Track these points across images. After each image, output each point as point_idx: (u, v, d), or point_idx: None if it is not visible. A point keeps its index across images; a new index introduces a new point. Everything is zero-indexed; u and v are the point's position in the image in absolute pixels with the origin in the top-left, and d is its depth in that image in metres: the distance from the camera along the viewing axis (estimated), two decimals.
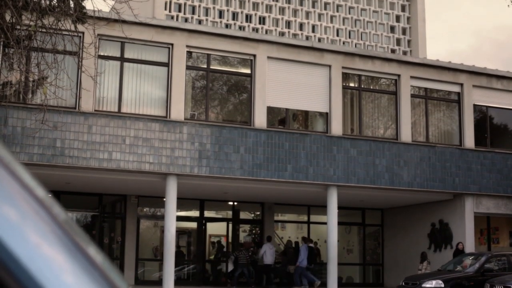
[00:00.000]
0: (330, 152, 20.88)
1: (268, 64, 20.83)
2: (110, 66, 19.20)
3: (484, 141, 23.64)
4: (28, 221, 0.83)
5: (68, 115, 18.06)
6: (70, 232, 0.87)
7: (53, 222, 0.85)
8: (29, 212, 0.85)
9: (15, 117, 17.53)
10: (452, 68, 23.23)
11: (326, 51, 21.59)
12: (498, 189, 22.99)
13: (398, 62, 22.64)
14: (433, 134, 23.05)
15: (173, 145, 19.10)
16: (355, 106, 22.26)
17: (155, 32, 19.53)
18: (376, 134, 22.36)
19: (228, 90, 21.24)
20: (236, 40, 20.55)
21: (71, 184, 20.87)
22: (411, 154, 21.95)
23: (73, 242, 0.85)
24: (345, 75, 21.98)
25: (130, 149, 18.64)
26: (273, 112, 21.28)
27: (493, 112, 24.30)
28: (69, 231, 0.87)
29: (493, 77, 23.93)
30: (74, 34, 12.62)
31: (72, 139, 18.07)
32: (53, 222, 0.85)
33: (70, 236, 0.86)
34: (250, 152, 19.92)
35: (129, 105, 19.31)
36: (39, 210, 0.86)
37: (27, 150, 17.59)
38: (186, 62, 20.01)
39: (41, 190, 0.92)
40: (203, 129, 19.57)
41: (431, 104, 23.19)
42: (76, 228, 0.89)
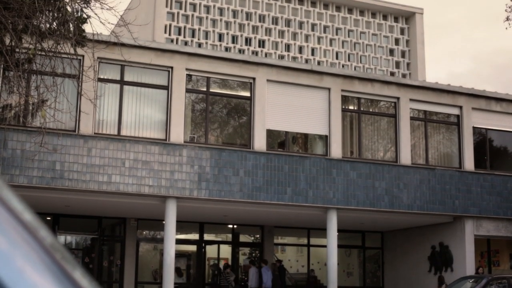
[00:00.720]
0: (330, 175, 20.86)
1: (267, 87, 20.87)
2: (110, 89, 19.24)
3: (484, 164, 23.62)
4: (13, 245, 0.84)
5: (67, 138, 18.06)
6: (56, 255, 0.87)
7: (39, 246, 0.86)
8: (15, 236, 0.85)
9: (15, 140, 17.53)
10: (451, 91, 23.27)
11: (325, 74, 21.65)
12: (498, 212, 22.94)
13: (397, 85, 22.68)
14: (433, 156, 23.04)
15: (172, 168, 19.10)
16: (355, 129, 22.28)
17: (155, 55, 19.60)
18: (376, 157, 22.36)
19: (227, 113, 21.26)
20: (235, 63, 20.60)
21: (71, 207, 20.84)
22: (411, 177, 21.93)
23: (58, 266, 0.86)
24: (345, 98, 22.01)
25: (129, 172, 18.62)
26: (273, 135, 21.29)
27: (493, 134, 24.31)
28: (55, 255, 0.87)
29: (492, 100, 23.96)
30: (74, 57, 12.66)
31: (72, 162, 18.06)
32: (39, 246, 0.86)
33: (56, 260, 0.86)
34: (249, 175, 19.90)
35: (129, 128, 19.32)
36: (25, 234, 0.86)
37: (27, 173, 17.57)
38: (186, 85, 20.05)
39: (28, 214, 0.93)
40: (202, 152, 19.57)
41: (430, 127, 23.20)
42: (63, 251, 0.90)
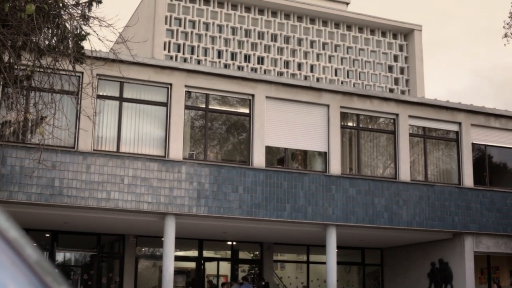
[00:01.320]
0: (329, 191, 20.85)
1: (266, 104, 20.90)
2: (109, 105, 19.27)
3: (483, 180, 23.62)
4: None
5: (66, 155, 18.07)
6: (41, 273, 0.87)
7: (23, 264, 0.85)
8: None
9: (14, 157, 17.54)
10: (450, 107, 23.30)
11: (324, 90, 21.69)
12: (498, 228, 22.91)
13: (396, 101, 22.71)
14: (432, 173, 23.04)
15: (171, 185, 19.08)
16: (354, 146, 22.29)
17: (154, 72, 19.64)
18: (375, 173, 22.35)
19: (226, 129, 21.28)
20: (234, 80, 20.65)
21: (70, 224, 20.81)
22: (410, 193, 21.91)
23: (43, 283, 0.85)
24: (344, 114, 22.04)
25: (128, 189, 18.61)
26: (272, 151, 21.29)
27: (492, 150, 24.32)
28: (40, 272, 0.87)
29: (491, 116, 23.99)
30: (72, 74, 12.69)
31: (71, 179, 18.05)
32: (23, 263, 0.85)
33: (40, 277, 0.86)
34: (248, 191, 19.89)
35: (128, 144, 19.33)
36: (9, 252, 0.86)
37: (26, 190, 17.57)
38: (185, 101, 20.09)
39: (14, 231, 0.93)
40: (201, 168, 19.57)
41: (429, 143, 23.22)
42: (49, 268, 0.90)
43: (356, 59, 32.28)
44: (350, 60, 32.21)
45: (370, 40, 32.88)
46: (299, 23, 31.80)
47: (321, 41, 31.91)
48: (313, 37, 31.82)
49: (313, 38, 31.79)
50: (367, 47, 32.63)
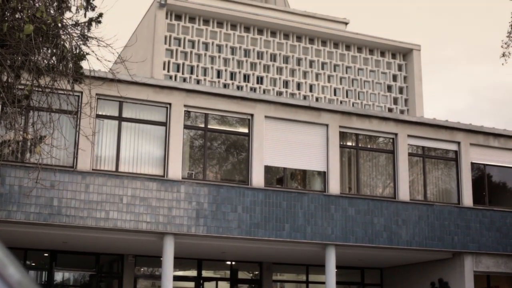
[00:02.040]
0: (328, 211, 20.83)
1: (265, 124, 20.93)
2: (108, 125, 19.30)
3: (483, 199, 23.60)
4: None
5: (65, 174, 18.08)
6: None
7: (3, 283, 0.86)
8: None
9: (12, 176, 17.55)
10: (449, 127, 23.33)
11: (323, 110, 21.72)
12: (498, 248, 22.86)
13: (395, 121, 22.74)
14: (431, 192, 23.02)
15: (170, 204, 19.07)
16: (353, 165, 22.29)
17: (153, 91, 19.69)
18: (374, 193, 22.34)
19: (225, 149, 21.29)
20: (233, 100, 20.69)
21: (68, 244, 20.76)
22: (409, 213, 21.89)
23: None
24: (343, 134, 22.06)
25: (127, 208, 18.60)
26: (271, 171, 21.29)
27: (491, 170, 24.33)
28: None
29: (490, 135, 24.01)
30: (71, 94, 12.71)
31: (69, 198, 18.05)
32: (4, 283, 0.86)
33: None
34: (247, 211, 19.87)
35: (127, 164, 19.34)
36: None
37: (24, 209, 17.55)
38: (184, 121, 20.12)
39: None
40: (200, 188, 19.57)
41: (428, 163, 23.22)
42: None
43: (355, 79, 32.35)
44: (349, 79, 32.28)
45: (369, 60, 32.96)
46: (298, 43, 31.89)
47: (320, 61, 31.99)
48: (312, 57, 31.90)
49: (312, 58, 31.87)
50: (366, 67, 32.70)
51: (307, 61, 31.83)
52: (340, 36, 32.62)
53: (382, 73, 33.08)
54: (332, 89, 31.79)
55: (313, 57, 31.98)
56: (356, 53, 32.91)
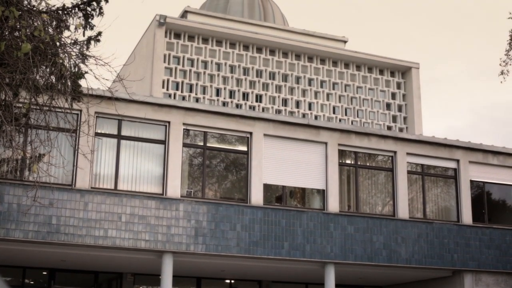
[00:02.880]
0: (327, 229, 20.81)
1: (264, 142, 20.96)
2: (107, 143, 19.33)
3: (482, 217, 23.58)
4: None
5: (64, 192, 18.09)
6: None
7: None
8: None
9: (11, 194, 17.56)
10: (448, 145, 23.36)
11: (322, 128, 21.76)
12: (498, 266, 22.81)
13: (394, 139, 22.76)
14: (431, 210, 23.01)
15: (169, 223, 19.06)
16: (352, 183, 22.29)
17: (152, 110, 19.74)
18: (373, 211, 22.32)
19: (224, 167, 21.30)
20: (232, 118, 20.73)
21: (67, 262, 20.71)
22: (409, 231, 21.86)
23: None
24: (342, 152, 22.09)
25: (126, 227, 18.59)
26: (270, 189, 21.28)
27: (490, 187, 24.32)
28: None
29: (489, 153, 24.03)
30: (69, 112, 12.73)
31: (68, 216, 18.05)
32: None
33: None
34: (246, 229, 19.85)
35: (126, 182, 19.35)
36: None
37: (23, 227, 17.54)
38: (183, 139, 20.15)
39: None
40: (199, 206, 19.56)
41: (428, 180, 23.23)
42: None
43: (354, 97, 32.41)
44: (348, 97, 32.35)
45: (368, 78, 33.05)
46: (297, 61, 31.99)
47: (319, 79, 32.08)
48: (311, 75, 31.99)
49: (311, 76, 31.96)
50: (365, 85, 32.78)
51: (306, 79, 31.91)
52: (339, 54, 32.73)
53: (381, 91, 33.16)
54: (331, 107, 31.85)
55: (312, 75, 32.08)
56: (355, 71, 33.01)
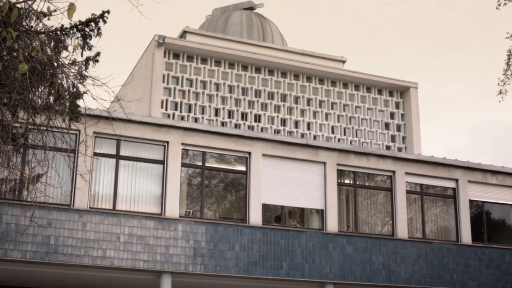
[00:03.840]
0: (326, 249, 20.77)
1: (263, 162, 20.98)
2: (106, 163, 19.35)
3: (481, 237, 23.54)
4: None
5: (62, 212, 18.08)
6: None
7: None
8: None
9: (9, 214, 17.55)
10: (447, 164, 23.37)
11: (321, 148, 21.79)
12: (497, 285, 22.73)
13: (393, 158, 22.78)
14: (430, 230, 22.98)
15: (167, 243, 19.03)
16: (351, 203, 22.28)
17: (151, 130, 19.77)
18: (372, 231, 22.29)
19: (223, 187, 21.29)
20: (231, 138, 20.75)
21: (65, 282, 20.63)
22: (408, 251, 21.82)
23: None
24: (340, 172, 22.09)
25: (124, 247, 18.56)
26: (269, 209, 21.26)
27: (490, 207, 24.29)
28: None
29: (488, 172, 24.03)
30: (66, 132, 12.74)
31: (66, 237, 18.02)
32: None
33: None
34: (245, 249, 19.82)
35: (124, 202, 19.35)
36: None
37: (20, 247, 17.51)
38: (182, 159, 20.16)
39: None
40: (198, 226, 19.54)
41: (427, 200, 23.22)
42: None
43: (353, 117, 32.46)
44: (346, 117, 32.40)
45: (366, 98, 33.12)
46: (295, 81, 32.07)
47: (317, 99, 32.14)
48: (309, 95, 32.05)
49: (309, 96, 32.03)
50: (363, 105, 32.84)
51: (305, 99, 31.98)
52: (338, 74, 32.82)
53: (379, 111, 33.21)
54: (329, 127, 31.89)
55: (311, 95, 32.14)
56: (353, 91, 33.07)
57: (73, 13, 8.84)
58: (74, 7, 8.84)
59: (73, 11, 8.84)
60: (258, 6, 37.35)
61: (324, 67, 32.53)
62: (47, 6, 9.78)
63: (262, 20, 36.24)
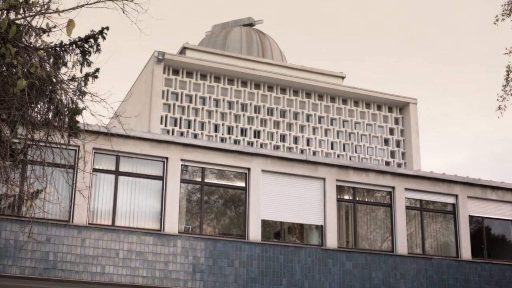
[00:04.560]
0: (326, 265, 20.72)
1: (262, 178, 20.98)
2: (105, 179, 19.35)
3: (481, 253, 23.50)
4: None
5: (61, 228, 18.06)
6: None
7: None
8: None
9: (8, 230, 17.52)
10: (447, 180, 23.36)
11: (320, 164, 21.79)
12: None
13: (392, 174, 22.78)
14: (430, 246, 22.94)
15: (166, 259, 19.00)
16: (350, 219, 22.25)
17: (150, 146, 19.78)
18: (372, 247, 22.25)
19: (222, 203, 21.28)
20: (230, 154, 20.77)
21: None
22: (408, 267, 21.77)
23: None
24: (340, 187, 22.08)
25: (123, 263, 18.51)
26: (269, 225, 21.24)
27: (489, 222, 24.27)
28: None
29: (488, 188, 24.02)
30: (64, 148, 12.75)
31: (65, 253, 18.00)
32: None
33: None
34: (244, 265, 19.78)
35: (123, 218, 19.33)
36: None
37: (19, 263, 17.47)
38: (181, 175, 20.17)
39: None
40: (197, 242, 19.51)
41: (426, 216, 23.19)
42: None
43: (352, 132, 32.47)
44: (346, 133, 32.41)
45: (365, 114, 33.14)
46: (295, 97, 32.10)
47: (317, 114, 32.15)
48: (309, 111, 32.07)
49: (309, 112, 32.05)
50: (362, 121, 32.85)
51: (304, 115, 31.99)
52: (337, 90, 32.84)
53: (379, 127, 33.22)
54: (329, 142, 31.89)
55: (310, 111, 32.16)
56: (353, 107, 33.09)
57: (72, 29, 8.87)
58: (73, 24, 8.88)
59: (72, 27, 8.88)
60: (257, 23, 37.44)
61: (324, 83, 32.56)
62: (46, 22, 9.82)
63: (261, 36, 36.32)
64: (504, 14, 23.16)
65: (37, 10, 9.69)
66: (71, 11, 9.73)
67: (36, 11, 9.71)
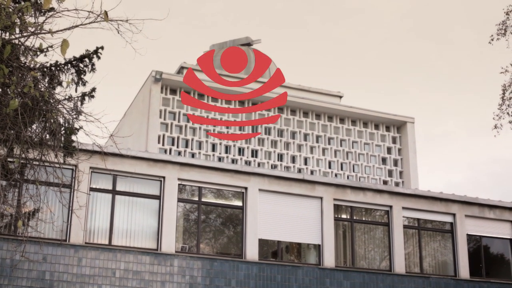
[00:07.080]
0: (323, 284, 20.68)
1: (259, 197, 20.98)
2: (102, 198, 19.34)
3: (479, 271, 23.46)
4: None
5: (57, 248, 18.03)
6: None
7: None
8: None
9: (4, 249, 17.49)
10: (444, 199, 23.37)
11: (317, 183, 21.80)
12: None
13: (390, 193, 22.78)
14: (428, 264, 22.90)
15: (163, 278, 18.96)
16: (348, 238, 22.23)
17: (147, 165, 19.80)
18: (369, 266, 22.21)
19: (220, 222, 21.26)
20: (227, 173, 20.77)
21: None
22: (405, 286, 21.72)
23: None
24: (337, 207, 22.08)
25: (120, 282, 18.47)
26: (266, 244, 21.21)
27: (487, 241, 24.24)
28: None
29: (485, 207, 24.02)
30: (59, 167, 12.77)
31: (62, 272, 17.96)
32: None
33: None
34: (241, 285, 19.73)
35: (120, 237, 19.31)
36: None
37: (15, 283, 17.43)
38: (178, 194, 20.17)
39: None
40: (194, 261, 19.48)
41: (424, 235, 23.17)
42: None
43: (350, 152, 32.49)
44: (343, 152, 32.42)
45: (363, 133, 33.16)
46: (292, 116, 32.14)
47: (314, 134, 32.18)
48: (306, 130, 32.10)
49: (306, 131, 32.07)
50: (360, 140, 32.87)
51: (302, 134, 32.02)
52: (335, 110, 32.88)
53: (376, 146, 33.24)
54: (326, 161, 31.90)
55: (308, 130, 32.19)
56: (350, 126, 33.13)
57: (66, 49, 8.90)
58: (67, 44, 8.91)
59: (66, 47, 8.91)
60: (255, 42, 37.55)
61: (321, 102, 32.62)
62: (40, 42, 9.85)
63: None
64: (499, 33, 23.29)
65: (31, 31, 9.73)
66: (65, 31, 9.77)
67: (30, 31, 9.74)
